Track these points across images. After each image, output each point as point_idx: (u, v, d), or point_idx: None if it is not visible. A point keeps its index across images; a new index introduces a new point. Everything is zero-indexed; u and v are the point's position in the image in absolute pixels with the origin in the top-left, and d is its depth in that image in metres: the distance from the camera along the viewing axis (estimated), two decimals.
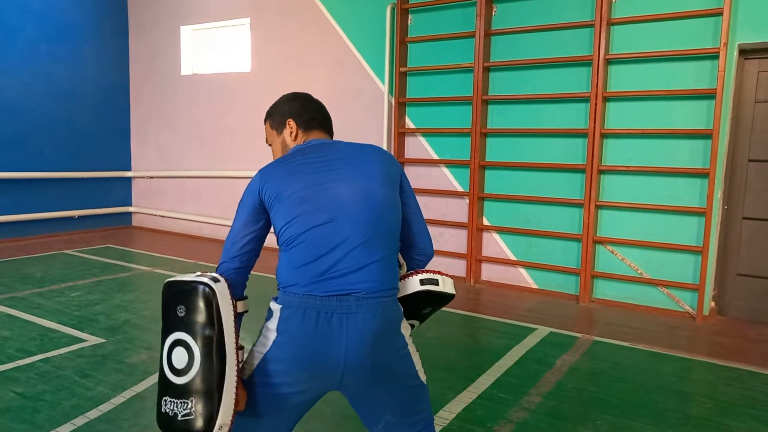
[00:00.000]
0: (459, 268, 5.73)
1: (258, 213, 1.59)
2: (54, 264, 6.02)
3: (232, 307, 1.50)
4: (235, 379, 1.47)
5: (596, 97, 4.85)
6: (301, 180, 1.56)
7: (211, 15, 7.54)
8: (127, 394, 2.94)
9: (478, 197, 5.52)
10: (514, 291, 5.41)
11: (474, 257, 5.58)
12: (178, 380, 1.44)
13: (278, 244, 1.57)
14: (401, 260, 1.74)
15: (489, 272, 5.63)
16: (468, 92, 5.53)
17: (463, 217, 5.66)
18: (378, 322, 1.48)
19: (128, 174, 8.55)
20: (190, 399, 1.43)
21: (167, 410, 1.44)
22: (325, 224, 1.50)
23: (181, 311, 1.46)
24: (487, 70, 5.45)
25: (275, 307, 1.53)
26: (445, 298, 1.74)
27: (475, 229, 5.55)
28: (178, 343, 1.46)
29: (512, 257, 5.49)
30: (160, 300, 1.52)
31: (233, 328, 1.49)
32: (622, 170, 4.87)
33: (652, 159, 4.77)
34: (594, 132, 4.88)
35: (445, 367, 3.51)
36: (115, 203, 8.44)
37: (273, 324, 1.51)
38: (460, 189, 5.72)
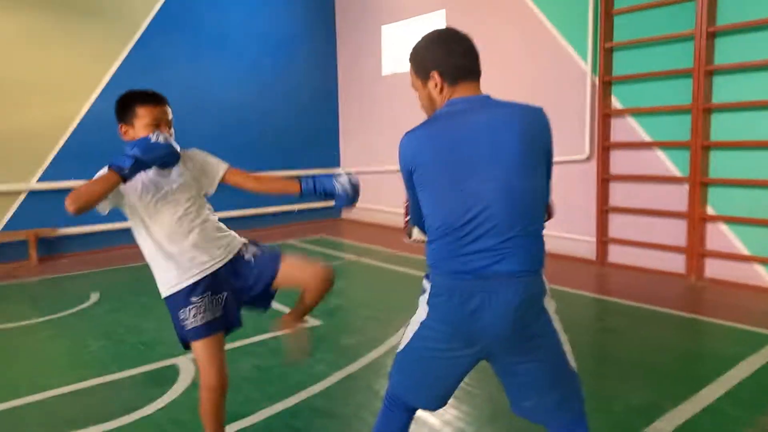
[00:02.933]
0: (676, 263, 5.13)
1: (411, 186, 1.68)
2: None
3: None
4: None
5: None
6: (446, 170, 1.58)
7: (408, 11, 7.80)
8: (341, 374, 3.22)
9: (701, 183, 4.87)
10: (747, 291, 4.67)
11: (696, 251, 4.94)
12: None
13: (425, 222, 1.67)
14: None
15: (714, 269, 4.94)
16: (688, 63, 4.89)
17: (682, 206, 5.05)
18: (519, 298, 1.56)
19: (337, 170, 9.31)
20: None
21: None
22: (471, 221, 1.56)
23: None
24: (712, 35, 4.75)
25: (426, 285, 1.68)
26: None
27: (697, 219, 4.91)
28: None
29: (745, 252, 4.74)
30: (367, 286, 1.76)
31: None
32: None
33: None
34: None
35: (663, 373, 3.18)
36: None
37: (425, 299, 1.67)
38: (678, 174, 5.10)
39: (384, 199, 8.52)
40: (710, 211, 4.92)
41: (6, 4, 6.34)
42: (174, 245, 2.09)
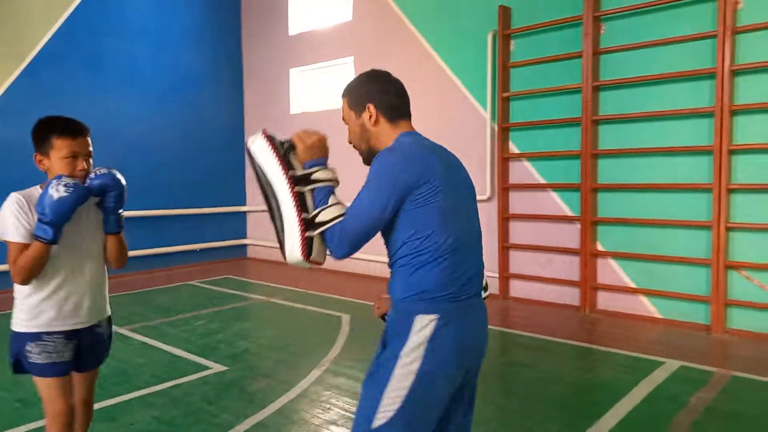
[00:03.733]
0: (571, 296, 5.46)
1: (396, 204, 1.55)
2: (180, 294, 6.50)
3: (270, 153, 1.67)
4: (294, 208, 1.60)
5: (722, 111, 4.49)
6: (451, 190, 1.60)
7: (317, 56, 7.92)
8: (250, 422, 3.06)
9: (591, 221, 5.26)
10: (634, 321, 5.05)
11: (588, 285, 5.29)
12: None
13: (408, 248, 1.56)
14: None
15: (605, 301, 5.31)
16: (576, 113, 5.34)
17: (575, 243, 5.41)
18: (485, 318, 1.69)
19: (243, 209, 9.11)
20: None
21: None
22: (468, 241, 1.62)
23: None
24: (596, 89, 5.24)
25: (423, 320, 1.53)
26: None
27: (588, 255, 5.27)
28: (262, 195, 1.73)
29: (631, 284, 5.14)
30: (276, 327, 1.66)
31: (277, 168, 1.65)
32: (756, 188, 4.44)
33: None
34: (721, 148, 4.51)
35: (563, 404, 3.33)
36: (232, 236, 9.00)
37: (422, 338, 1.52)
38: (570, 213, 5.48)
39: None
40: (600, 247, 5.31)
41: None
42: (65, 289, 2.02)
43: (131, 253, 7.98)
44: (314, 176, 1.64)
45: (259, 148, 1.68)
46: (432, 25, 6.55)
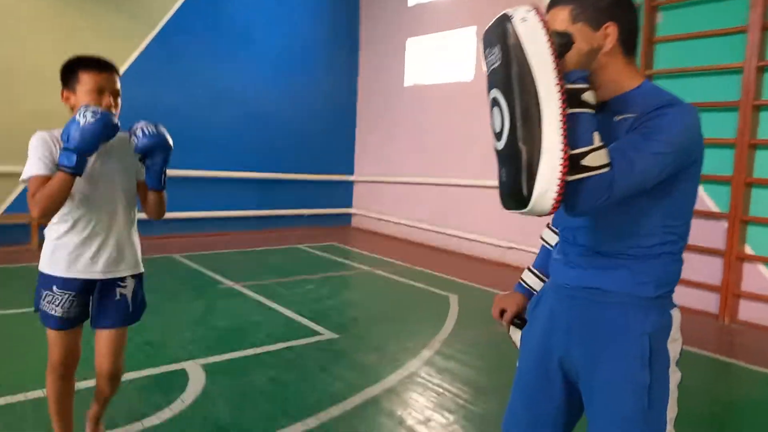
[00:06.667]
0: (709, 302, 4.91)
1: (671, 172, 1.20)
2: (288, 257, 6.62)
3: (545, 44, 1.08)
4: (560, 134, 1.08)
5: None
6: (699, 174, 1.29)
7: (437, 26, 7.65)
8: (363, 396, 2.97)
9: (741, 220, 4.66)
10: None
11: (730, 291, 4.72)
12: (497, 145, 1.17)
13: (670, 233, 1.28)
14: None
15: (749, 311, 4.72)
16: (733, 96, 4.71)
17: (719, 243, 4.84)
18: None
19: (351, 178, 9.13)
20: (502, 168, 1.16)
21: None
22: None
23: (489, 60, 1.17)
24: (761, 70, 4.58)
25: (678, 312, 1.34)
26: None
27: (734, 258, 4.69)
28: (493, 102, 1.17)
29: None
30: (383, 300, 1.44)
31: (551, 69, 1.08)
32: None
33: None
34: None
35: (712, 423, 2.94)
36: (338, 204, 9.08)
37: (677, 332, 1.33)
38: (716, 210, 4.90)
39: (397, 211, 8.32)
40: (749, 250, 4.71)
41: None
42: (83, 234, 1.94)
43: (243, 213, 8.27)
44: (584, 96, 1.15)
45: (529, 31, 1.10)
46: None
